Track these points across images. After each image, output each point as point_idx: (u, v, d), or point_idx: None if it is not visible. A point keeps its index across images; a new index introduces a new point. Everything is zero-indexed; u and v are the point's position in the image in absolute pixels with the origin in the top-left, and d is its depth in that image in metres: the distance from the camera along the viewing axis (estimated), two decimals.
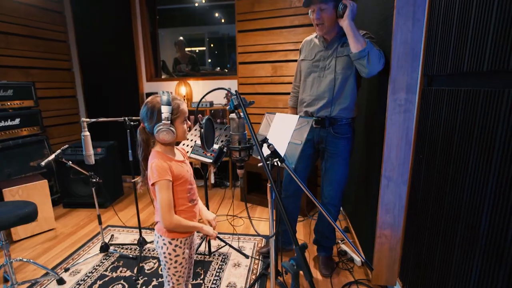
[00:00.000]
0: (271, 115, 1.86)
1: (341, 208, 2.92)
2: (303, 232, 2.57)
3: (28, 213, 1.72)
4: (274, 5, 3.09)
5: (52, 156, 1.81)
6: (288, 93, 3.25)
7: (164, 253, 1.25)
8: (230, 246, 2.30)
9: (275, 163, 1.25)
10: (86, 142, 1.75)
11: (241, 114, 0.94)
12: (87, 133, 1.75)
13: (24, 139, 2.87)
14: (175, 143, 1.28)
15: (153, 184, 1.15)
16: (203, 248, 2.33)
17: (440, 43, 1.24)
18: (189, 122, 1.25)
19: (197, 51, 6.14)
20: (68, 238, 2.54)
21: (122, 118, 1.97)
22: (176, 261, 1.27)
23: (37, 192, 2.55)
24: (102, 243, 2.24)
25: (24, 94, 2.91)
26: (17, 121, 2.83)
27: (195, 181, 1.36)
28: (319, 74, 1.81)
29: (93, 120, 1.82)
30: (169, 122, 1.14)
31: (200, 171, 3.86)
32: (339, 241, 2.34)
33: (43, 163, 1.79)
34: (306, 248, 2.08)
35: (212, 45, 6.51)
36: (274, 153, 1.21)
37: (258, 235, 2.54)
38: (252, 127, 0.95)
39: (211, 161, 1.90)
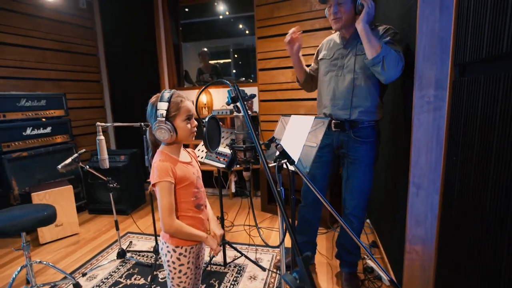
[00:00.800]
0: (286, 118, 1.76)
1: (368, 221, 2.70)
2: (325, 245, 2.40)
3: (47, 216, 1.75)
4: (293, 10, 3.03)
5: (69, 160, 1.85)
6: (310, 99, 3.17)
7: (168, 261, 1.18)
8: (246, 257, 2.19)
9: (284, 166, 1.14)
10: (101, 146, 1.77)
11: (239, 106, 0.86)
12: (102, 137, 1.77)
13: (55, 146, 3.02)
14: (181, 144, 1.22)
15: (153, 185, 1.10)
16: (219, 258, 2.24)
17: (473, 23, 1.08)
18: (195, 122, 1.18)
19: (222, 62, 6.24)
20: (90, 243, 2.58)
21: (139, 124, 1.97)
22: (180, 271, 1.19)
23: (63, 197, 2.64)
24: (119, 249, 2.24)
25: (56, 104, 3.07)
26: (48, 129, 2.99)
27: (212, 190, 1.29)
28: (336, 73, 1.69)
29: (108, 124, 1.84)
30: (164, 119, 1.07)
31: (221, 180, 3.83)
32: (365, 257, 2.14)
33: (59, 167, 1.83)
34: (310, 259, 1.92)
35: (236, 56, 6.60)
36: (283, 154, 1.11)
37: (266, 245, 2.41)
38: (251, 122, 0.86)
39: (224, 166, 1.83)
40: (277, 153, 1.13)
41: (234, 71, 6.33)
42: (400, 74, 1.46)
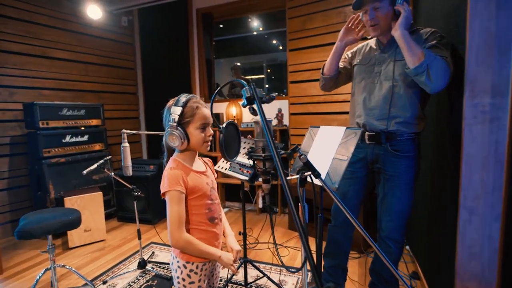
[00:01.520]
0: (315, 129, 1.63)
1: (407, 247, 2.41)
2: (357, 272, 2.16)
3: (71, 220, 1.77)
4: (326, 21, 2.94)
5: (95, 166, 1.88)
6: (344, 112, 3.00)
7: (178, 277, 1.09)
8: (269, 278, 2.03)
9: (308, 179, 1.02)
10: (125, 153, 1.77)
11: (255, 108, 0.76)
12: (127, 145, 1.78)
13: (90, 154, 3.15)
14: (196, 152, 1.15)
15: (163, 194, 1.03)
16: (240, 277, 2.11)
17: None
18: (210, 131, 1.11)
19: (255, 78, 6.29)
20: (114, 251, 2.59)
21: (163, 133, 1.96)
22: None
23: (92, 203, 2.70)
24: (140, 259, 2.20)
25: (94, 114, 3.23)
26: (85, 137, 3.13)
27: (238, 205, 1.19)
28: (372, 81, 1.54)
29: (133, 132, 1.85)
30: (175, 124, 1.01)
31: (248, 194, 3.74)
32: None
33: (84, 172, 1.86)
34: None
35: (269, 71, 6.61)
36: (307, 166, 0.98)
37: (282, 265, 2.21)
38: (267, 126, 0.75)
39: (247, 178, 1.74)
40: (301, 164, 1.02)
41: (267, 86, 6.34)
42: (448, 82, 1.28)
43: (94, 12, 3.33)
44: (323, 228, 1.68)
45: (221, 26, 4.79)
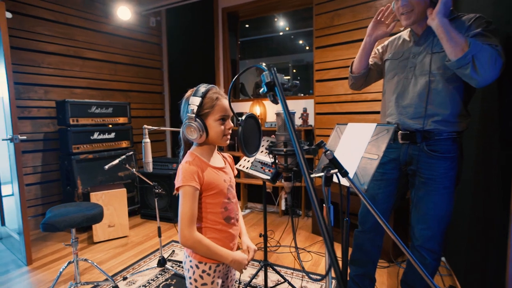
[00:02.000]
0: (342, 126, 1.52)
1: (443, 259, 2.20)
2: (386, 282, 2.00)
3: (93, 215, 1.78)
4: (355, 16, 2.80)
5: (116, 161, 1.89)
6: (373, 112, 2.83)
7: (190, 277, 1.03)
8: (290, 284, 1.94)
9: (334, 178, 0.92)
10: (146, 149, 1.76)
11: (274, 97, 0.69)
12: (148, 140, 1.77)
13: (116, 151, 3.22)
14: (215, 146, 1.09)
15: (177, 189, 0.98)
16: (260, 280, 2.03)
17: None
18: (230, 124, 1.04)
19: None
20: (136, 247, 2.61)
21: None
22: None
23: (116, 199, 2.75)
24: (160, 257, 2.19)
25: (121, 112, 3.31)
26: (112, 135, 3.21)
27: (260, 206, 1.13)
28: (406, 76, 1.41)
29: (155, 128, 1.84)
30: (194, 115, 0.95)
31: (271, 196, 3.65)
32: None
33: (106, 167, 1.87)
34: None
35: (294, 71, 6.50)
36: (333, 163, 0.89)
37: (304, 271, 2.10)
38: (289, 116, 0.67)
39: (269, 177, 1.66)
40: (326, 162, 0.93)
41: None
42: (499, 75, 1.13)
43: (124, 13, 3.43)
44: (349, 233, 1.56)
45: (247, 26, 4.76)
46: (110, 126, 3.24)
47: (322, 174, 0.91)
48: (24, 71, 2.86)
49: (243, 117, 0.97)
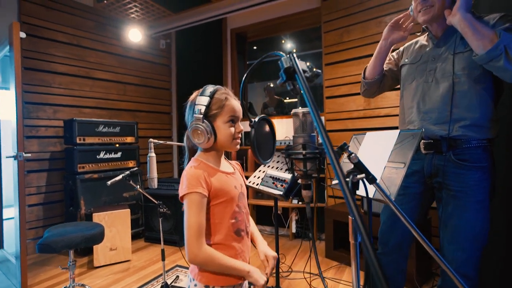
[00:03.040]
0: (360, 136, 1.43)
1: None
2: None
3: (93, 235, 1.67)
4: (365, 32, 2.78)
5: (120, 177, 1.80)
6: (386, 127, 2.73)
7: None
8: None
9: (361, 184, 0.81)
10: (151, 164, 1.67)
11: (295, 85, 0.60)
12: (153, 155, 1.69)
13: (122, 171, 3.13)
14: (222, 152, 1.00)
15: (181, 198, 0.87)
16: None
17: None
18: (240, 127, 0.96)
19: (287, 102, 6.23)
20: (138, 272, 2.45)
21: None
22: None
23: (120, 221, 2.63)
24: (163, 283, 2.03)
25: (128, 131, 3.28)
26: (119, 154, 3.16)
27: (270, 229, 1.02)
28: (426, 79, 1.32)
29: (161, 142, 1.76)
30: (202, 116, 0.87)
31: (280, 218, 3.47)
32: None
33: (109, 182, 1.79)
34: None
35: (302, 92, 6.50)
36: (359, 167, 0.79)
37: None
38: (316, 111, 0.58)
39: (281, 193, 1.54)
40: (348, 166, 0.82)
41: (300, 108, 6.22)
42: None
43: (135, 36, 3.51)
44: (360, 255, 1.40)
45: (254, 47, 4.83)
46: (117, 145, 3.19)
47: (347, 179, 0.80)
48: (35, 90, 2.89)
49: (256, 119, 0.88)
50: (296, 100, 6.79)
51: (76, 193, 2.78)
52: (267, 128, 0.94)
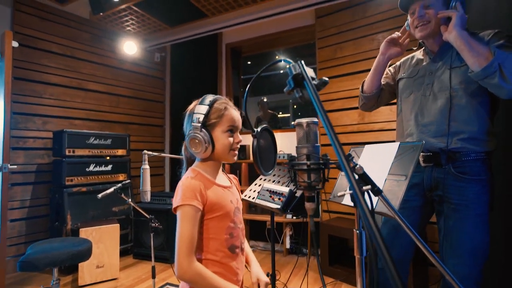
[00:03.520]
0: (358, 149, 1.42)
1: None
2: None
3: (80, 251, 1.59)
4: (357, 49, 2.85)
5: (111, 190, 1.74)
6: (380, 142, 2.75)
7: None
8: None
9: (366, 196, 0.79)
10: (144, 176, 1.62)
11: (302, 93, 0.59)
12: (147, 167, 1.64)
13: (112, 184, 3.03)
14: (220, 163, 0.97)
15: (175, 210, 0.84)
16: None
17: None
18: (239, 137, 0.94)
19: (280, 116, 6.29)
20: None
21: None
22: None
23: (108, 236, 2.52)
24: None
25: (120, 144, 3.21)
26: (109, 167, 3.08)
27: (263, 244, 0.99)
28: (423, 93, 1.34)
29: (155, 153, 1.72)
30: (200, 124, 0.85)
31: (274, 233, 3.39)
32: None
33: (100, 195, 1.72)
34: None
35: (295, 107, 6.59)
36: (364, 179, 0.77)
37: None
38: (326, 119, 0.56)
39: (279, 207, 1.51)
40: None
41: (292, 122, 6.28)
42: None
43: (130, 49, 3.50)
44: (366, 269, 1.36)
45: (248, 63, 4.90)
46: (108, 158, 3.11)
47: (350, 192, 0.78)
48: (25, 101, 2.82)
49: (259, 129, 0.86)
50: (289, 115, 6.87)
51: (63, 207, 2.67)
52: (269, 138, 0.92)
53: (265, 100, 4.50)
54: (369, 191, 0.77)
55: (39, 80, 2.92)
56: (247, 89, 0.81)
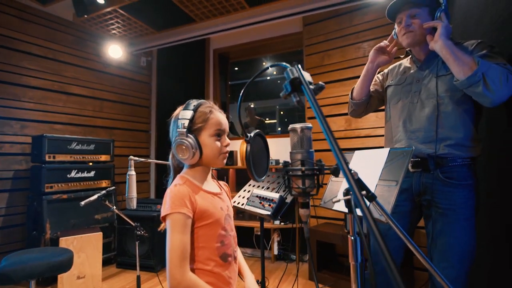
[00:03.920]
0: (348, 155, 1.43)
1: None
2: None
3: (60, 262, 1.51)
4: (344, 56, 2.90)
5: (95, 197, 1.67)
6: (367, 148, 2.80)
7: None
8: None
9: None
10: (130, 183, 1.57)
11: (300, 98, 0.58)
12: (133, 173, 1.58)
13: (95, 191, 2.93)
14: (209, 169, 0.95)
15: (163, 218, 0.81)
16: None
17: None
18: (227, 140, 0.93)
19: (267, 123, 6.32)
20: None
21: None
22: None
23: (90, 245, 2.42)
24: None
25: (104, 149, 3.11)
26: (92, 173, 2.97)
27: (251, 251, 0.97)
28: (411, 100, 1.37)
29: (142, 159, 1.67)
30: (185, 130, 0.84)
31: (263, 239, 3.36)
32: None
33: (83, 203, 1.64)
34: None
35: (282, 113, 6.64)
36: (358, 184, 0.76)
37: None
38: (329, 127, 0.56)
39: (269, 213, 1.49)
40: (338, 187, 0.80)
41: (279, 128, 6.32)
42: None
43: (115, 52, 3.43)
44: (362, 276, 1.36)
45: (236, 69, 4.90)
46: (90, 164, 3.01)
47: (345, 198, 0.77)
48: (2, 104, 2.69)
49: (252, 134, 0.85)
50: (275, 121, 6.90)
51: (41, 215, 2.54)
52: (261, 144, 0.91)
53: (252, 106, 4.51)
54: (364, 197, 0.77)
55: (18, 83, 2.80)
56: (241, 94, 0.80)
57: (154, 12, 3.06)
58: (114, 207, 1.77)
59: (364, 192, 0.75)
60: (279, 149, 3.37)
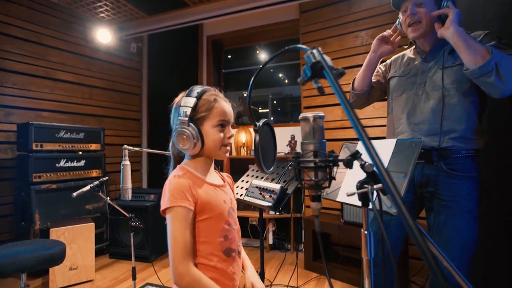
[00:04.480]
0: (351, 145, 1.40)
1: None
2: None
3: (52, 255, 1.45)
4: (342, 45, 2.85)
5: (88, 187, 1.61)
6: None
7: None
8: None
9: (375, 195, 0.76)
10: (125, 173, 1.51)
11: (320, 85, 0.54)
12: (128, 163, 1.53)
13: (85, 181, 2.86)
14: (212, 160, 0.91)
15: (164, 212, 0.77)
16: None
17: None
18: (231, 132, 0.88)
19: (260, 112, 6.25)
20: None
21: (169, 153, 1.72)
22: None
23: (82, 236, 2.36)
24: None
25: (94, 138, 3.01)
26: (82, 163, 2.88)
27: (246, 240, 0.94)
28: (416, 92, 1.34)
29: (136, 148, 1.61)
30: (187, 118, 0.79)
31: (256, 229, 3.37)
32: None
33: (75, 194, 1.58)
34: None
35: (275, 102, 6.59)
36: (373, 177, 0.73)
37: None
38: (356, 115, 0.53)
39: (270, 204, 1.46)
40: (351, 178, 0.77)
41: (272, 118, 6.28)
42: None
43: (104, 37, 3.28)
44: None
45: (229, 56, 4.79)
46: (80, 153, 2.91)
47: (360, 191, 0.74)
48: None
49: (260, 123, 0.80)
50: (267, 110, 6.85)
51: (30, 205, 2.45)
52: (268, 134, 0.87)
53: (245, 95, 4.43)
54: (378, 191, 0.75)
55: (0, 67, 2.65)
56: (251, 81, 0.75)
57: None
58: (108, 198, 1.71)
59: (380, 185, 0.72)
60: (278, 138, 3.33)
